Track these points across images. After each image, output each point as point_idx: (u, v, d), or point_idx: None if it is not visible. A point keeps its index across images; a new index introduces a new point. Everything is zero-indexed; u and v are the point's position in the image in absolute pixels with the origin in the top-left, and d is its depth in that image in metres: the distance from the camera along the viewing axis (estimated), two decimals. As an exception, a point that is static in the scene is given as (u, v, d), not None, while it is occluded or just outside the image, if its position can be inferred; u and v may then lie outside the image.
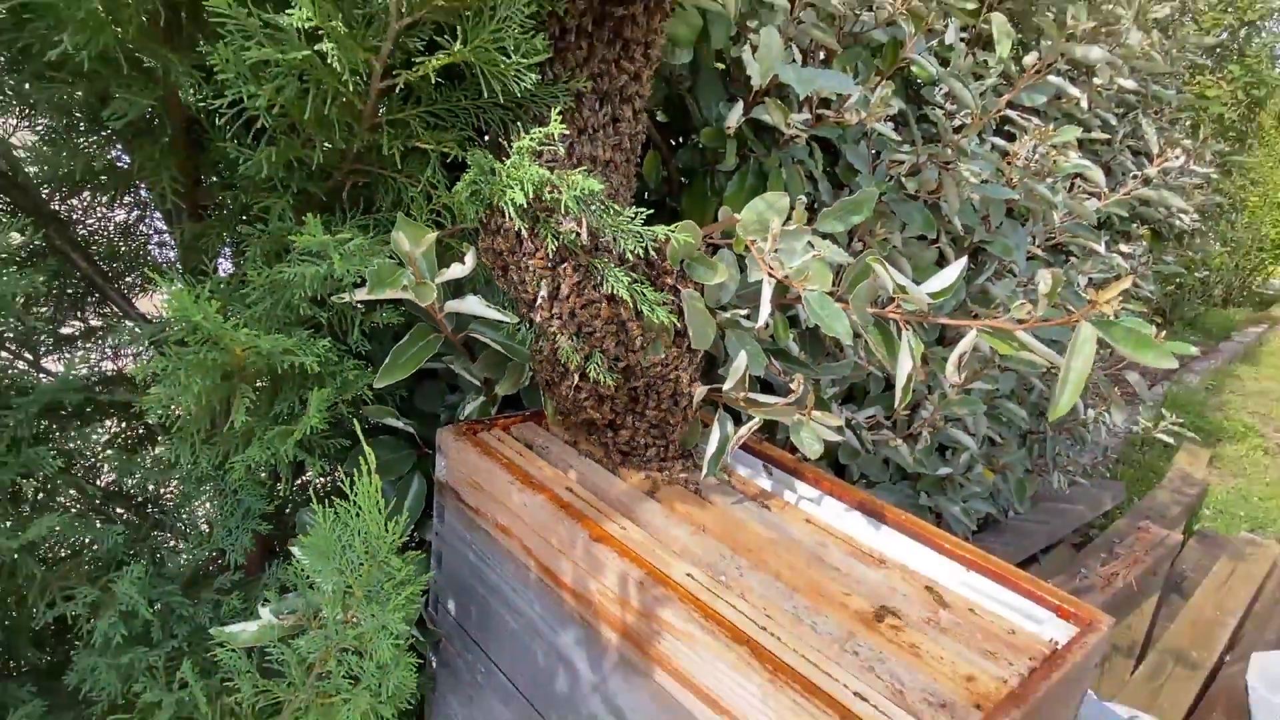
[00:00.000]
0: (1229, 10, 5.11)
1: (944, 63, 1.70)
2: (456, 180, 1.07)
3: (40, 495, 1.18)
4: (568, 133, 0.98)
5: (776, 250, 0.97)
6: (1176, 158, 2.03)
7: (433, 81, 1.01)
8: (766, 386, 1.66)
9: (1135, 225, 2.78)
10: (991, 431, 2.12)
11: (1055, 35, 1.66)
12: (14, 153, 1.22)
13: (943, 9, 1.57)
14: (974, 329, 1.02)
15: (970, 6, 1.73)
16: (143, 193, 1.41)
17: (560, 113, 0.93)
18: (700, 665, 0.85)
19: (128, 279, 1.41)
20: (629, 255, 0.97)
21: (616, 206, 0.97)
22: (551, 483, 1.10)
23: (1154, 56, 2.13)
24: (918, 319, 1.08)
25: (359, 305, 1.10)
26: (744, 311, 1.15)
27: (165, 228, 1.44)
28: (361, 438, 0.97)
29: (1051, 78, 1.85)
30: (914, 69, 1.53)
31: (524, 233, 0.99)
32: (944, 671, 0.84)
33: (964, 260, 1.09)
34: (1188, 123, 3.49)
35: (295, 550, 1.06)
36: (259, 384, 1.09)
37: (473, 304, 1.05)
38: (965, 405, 1.70)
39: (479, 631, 1.23)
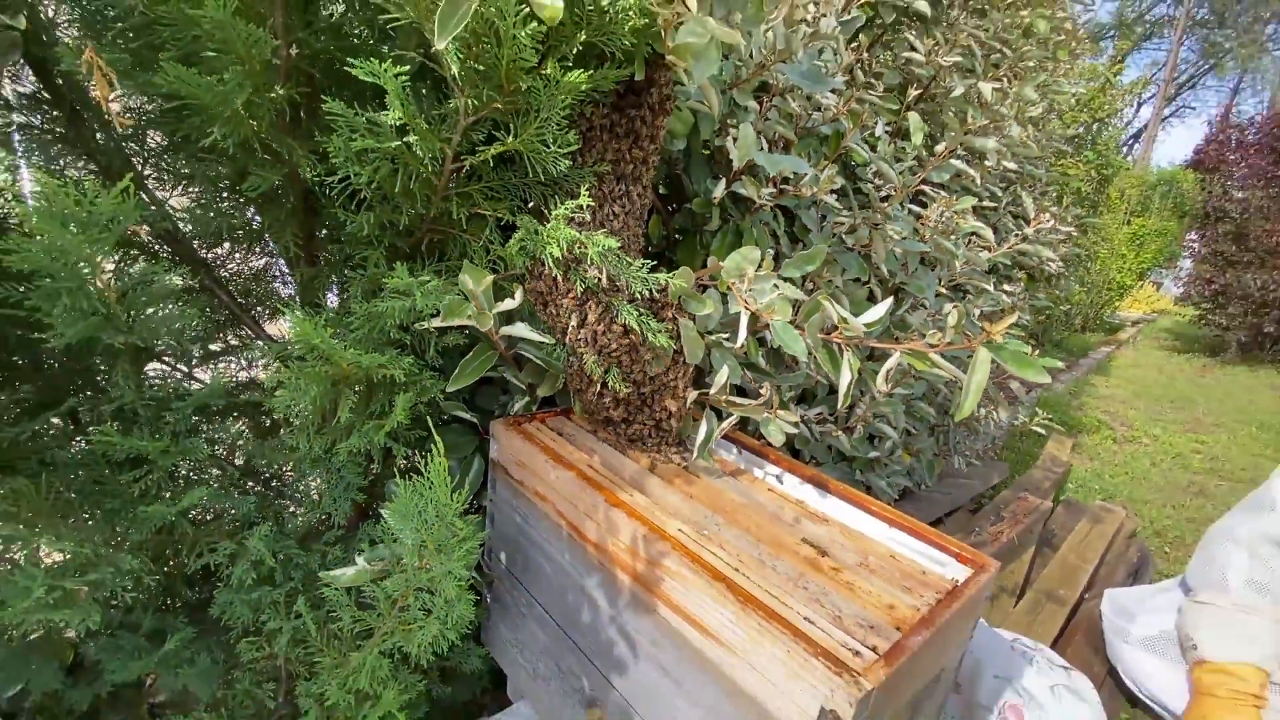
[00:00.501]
0: (1084, 110, 5.18)
1: (872, 149, 1.74)
2: (508, 238, 1.10)
3: (191, 474, 1.20)
4: (592, 203, 1.01)
5: (751, 290, 1.00)
6: (1047, 220, 2.06)
7: (490, 164, 1.05)
8: (741, 391, 1.69)
9: (1015, 270, 2.81)
10: (909, 425, 2.14)
11: (957, 129, 1.70)
12: (174, 215, 1.24)
13: (873, 109, 1.61)
14: (898, 350, 1.05)
15: (893, 107, 1.77)
16: (270, 244, 1.44)
17: (587, 189, 0.96)
18: (690, 598, 0.87)
19: (259, 309, 1.43)
20: (638, 295, 1.00)
21: (629, 259, 1.00)
22: (578, 462, 1.13)
23: (1030, 144, 2.17)
24: (855, 342, 1.11)
25: (434, 330, 1.13)
26: (725, 335, 1.17)
27: (288, 271, 1.47)
28: (434, 430, 1.00)
29: (953, 160, 1.90)
30: (852, 155, 1.56)
31: (559, 278, 1.01)
32: (871, 602, 0.86)
33: (890, 300, 1.12)
34: (1054, 194, 3.53)
35: (384, 513, 1.08)
36: (358, 389, 1.12)
37: (521, 329, 1.07)
38: (889, 406, 1.73)
39: (523, 574, 1.25)
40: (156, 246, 1.22)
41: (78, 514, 1.01)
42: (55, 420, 1.08)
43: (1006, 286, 2.75)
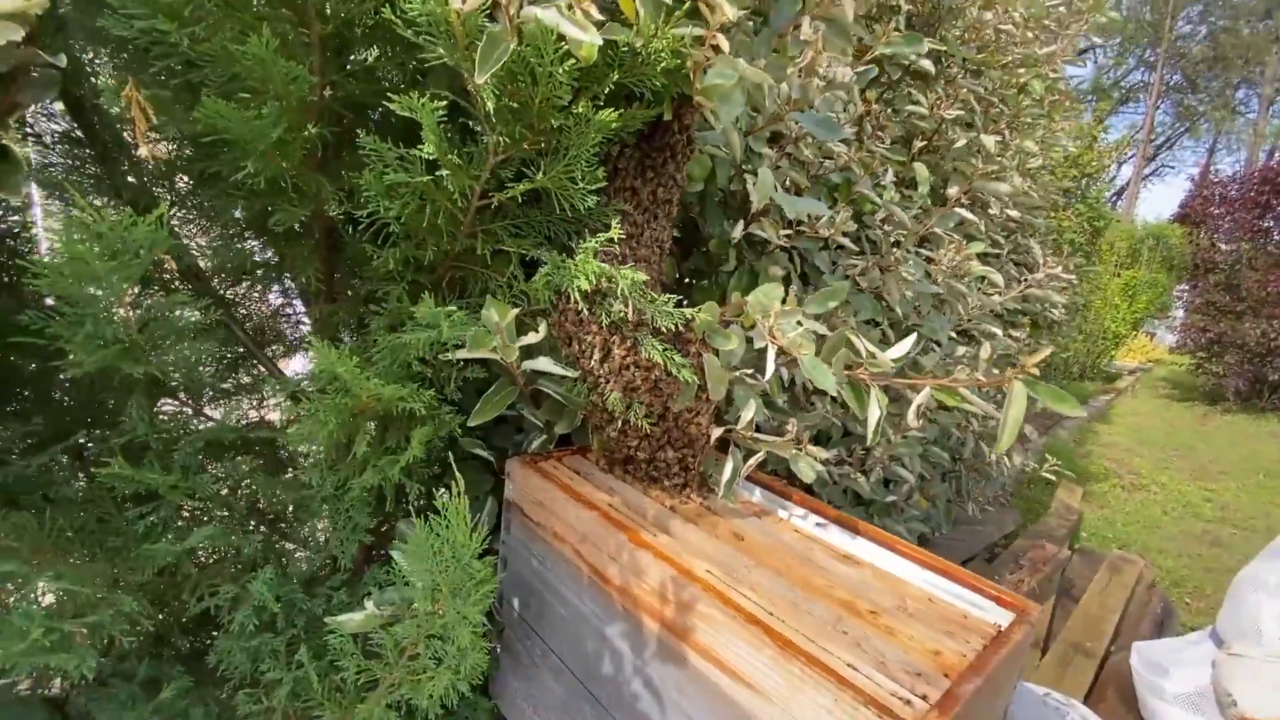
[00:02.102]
0: (1074, 167, 5.35)
1: (880, 197, 1.77)
2: (531, 274, 1.10)
3: (198, 512, 1.15)
4: (623, 235, 1.01)
5: (776, 324, 0.99)
6: (1054, 265, 2.09)
7: (518, 200, 1.05)
8: (758, 430, 1.66)
9: (1020, 317, 2.83)
10: (923, 469, 2.10)
11: (969, 173, 1.73)
12: (196, 254, 1.25)
13: (881, 159, 1.65)
14: (927, 386, 1.03)
15: (900, 159, 1.82)
16: (288, 284, 1.43)
17: (616, 222, 0.96)
18: (722, 642, 0.82)
19: (274, 348, 1.42)
20: (663, 329, 0.99)
21: (653, 294, 1.00)
22: (599, 502, 1.09)
23: (1031, 194, 2.22)
24: (881, 380, 1.09)
25: (456, 362, 1.11)
26: (748, 372, 1.16)
27: (304, 310, 1.47)
28: (455, 465, 0.96)
29: (958, 209, 1.93)
30: (862, 201, 1.59)
31: (585, 312, 1.01)
32: (915, 648, 0.81)
33: (914, 336, 1.11)
34: (1053, 243, 3.60)
35: (395, 554, 1.03)
36: (374, 423, 1.09)
37: (544, 363, 1.06)
38: (906, 447, 1.70)
39: (536, 622, 1.19)
40: (178, 283, 1.21)
41: (79, 552, 0.96)
42: (62, 457, 1.05)
43: (1013, 332, 2.76)
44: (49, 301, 0.96)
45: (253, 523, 1.28)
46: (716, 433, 1.12)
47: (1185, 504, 4.17)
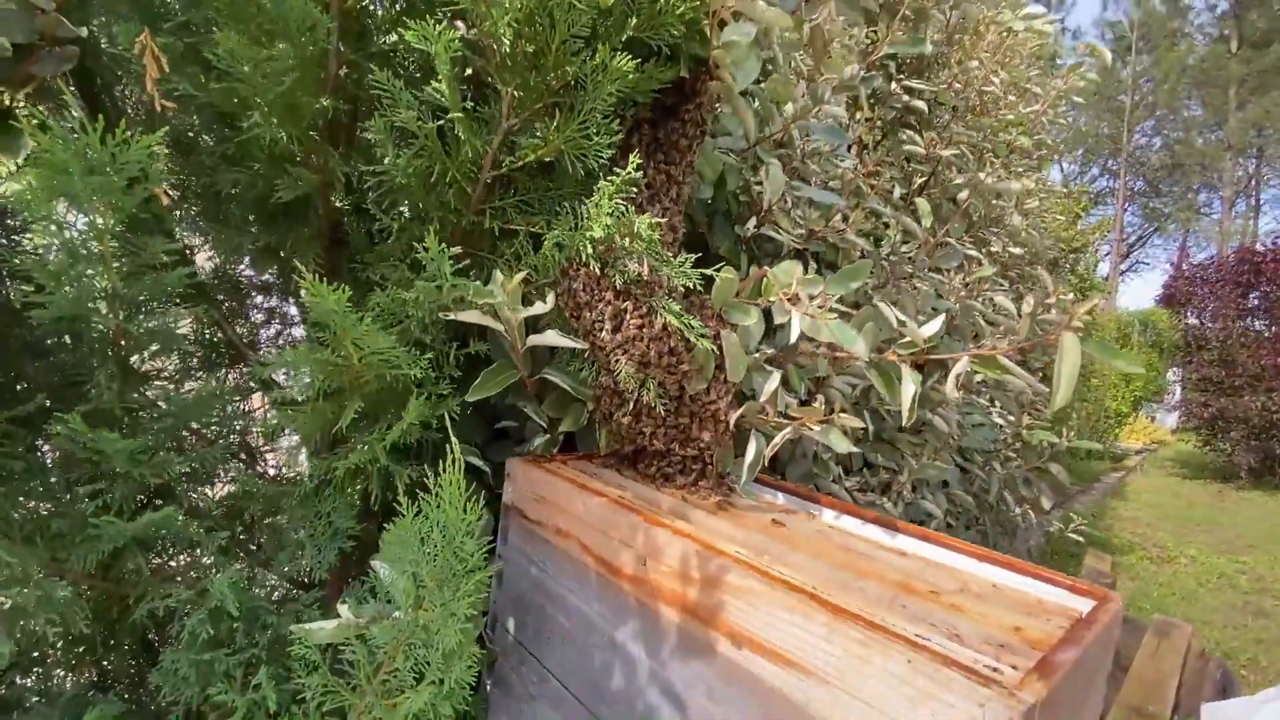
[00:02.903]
0: (1061, 241, 5.50)
1: (886, 226, 1.77)
2: (538, 250, 1.04)
3: (160, 500, 1.02)
4: (636, 192, 0.96)
5: (800, 293, 0.92)
6: (1066, 295, 2.05)
7: (530, 172, 1.01)
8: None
9: (1029, 359, 2.76)
10: (949, 519, 1.96)
11: (979, 208, 1.73)
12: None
13: (890, 178, 1.65)
14: (965, 357, 0.95)
15: (902, 192, 1.83)
16: (278, 285, 1.38)
17: (635, 159, 0.90)
18: (760, 619, 0.68)
19: (262, 350, 1.34)
20: (680, 288, 0.92)
21: (669, 254, 0.94)
22: (607, 490, 0.97)
23: (1032, 233, 2.23)
24: (913, 358, 1.01)
25: (457, 338, 1.03)
26: (767, 356, 1.07)
27: (296, 314, 1.40)
28: (450, 431, 0.86)
29: (955, 244, 1.92)
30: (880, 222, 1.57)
31: (598, 272, 0.94)
32: (992, 623, 0.68)
33: (943, 317, 1.04)
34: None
35: (375, 562, 0.90)
36: (364, 402, 0.99)
37: (551, 336, 0.98)
38: (930, 470, 1.58)
39: (534, 643, 1.03)
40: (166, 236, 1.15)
41: (16, 533, 0.83)
42: (17, 428, 0.94)
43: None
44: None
45: (222, 522, 1.14)
46: (737, 413, 1.01)
47: (1219, 575, 3.90)
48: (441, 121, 0.88)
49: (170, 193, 1.15)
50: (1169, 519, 5.46)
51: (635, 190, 1.04)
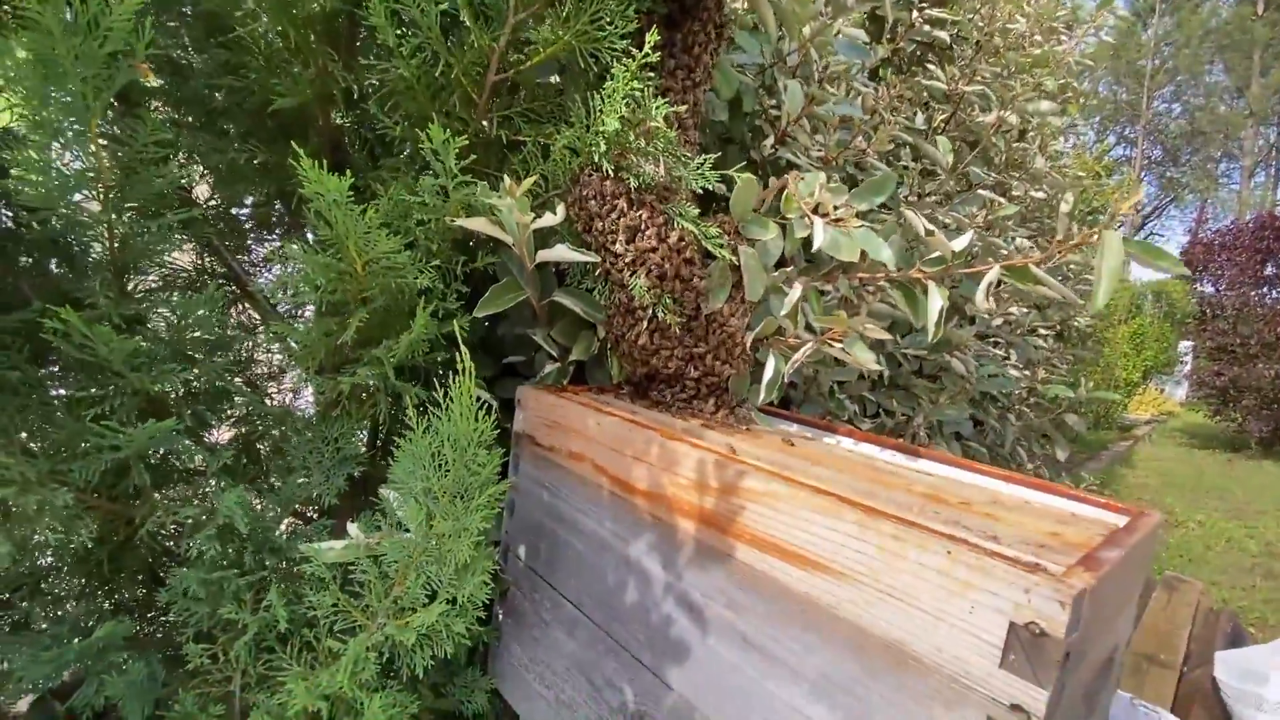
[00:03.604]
0: (1081, 201, 5.36)
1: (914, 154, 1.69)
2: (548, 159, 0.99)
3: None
4: (658, 61, 0.89)
5: (823, 199, 0.87)
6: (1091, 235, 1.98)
7: (537, 67, 0.95)
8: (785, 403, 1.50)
9: (1042, 327, 2.69)
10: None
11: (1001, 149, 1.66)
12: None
13: (910, 103, 1.57)
14: (996, 266, 0.90)
15: (921, 127, 1.75)
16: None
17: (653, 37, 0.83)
18: (783, 522, 0.65)
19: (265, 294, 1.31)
20: (697, 190, 0.86)
21: (687, 155, 0.88)
22: (621, 412, 0.94)
23: (1057, 177, 2.14)
24: (940, 274, 0.96)
25: (462, 258, 0.99)
26: (784, 278, 1.02)
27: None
28: (460, 340, 0.82)
29: (981, 191, 1.85)
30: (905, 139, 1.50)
31: (610, 176, 0.89)
32: (1029, 529, 0.64)
33: (971, 233, 0.99)
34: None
35: (384, 488, 0.87)
36: (370, 316, 0.95)
37: (561, 250, 0.93)
38: (948, 410, 1.54)
39: (547, 569, 1.00)
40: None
41: (16, 447, 0.80)
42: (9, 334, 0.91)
43: (1038, 341, 2.62)
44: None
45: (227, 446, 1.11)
46: (752, 335, 0.97)
47: (1228, 539, 3.88)
48: (445, 4, 0.82)
49: (164, 108, 1.11)
50: (1176, 486, 5.43)
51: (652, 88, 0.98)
